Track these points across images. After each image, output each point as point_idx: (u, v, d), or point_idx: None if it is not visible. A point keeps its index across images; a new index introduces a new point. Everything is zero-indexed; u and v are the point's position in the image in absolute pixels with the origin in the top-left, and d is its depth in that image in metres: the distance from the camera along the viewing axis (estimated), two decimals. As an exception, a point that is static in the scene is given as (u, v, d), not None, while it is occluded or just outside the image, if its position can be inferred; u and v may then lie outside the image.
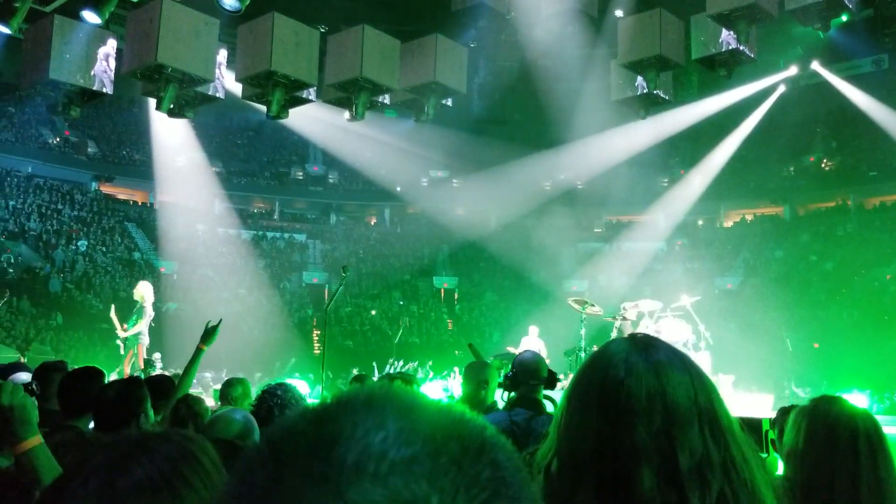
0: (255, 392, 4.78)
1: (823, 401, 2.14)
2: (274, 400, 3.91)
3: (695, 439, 1.12)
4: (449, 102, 12.13)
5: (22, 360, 12.84)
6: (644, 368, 1.16)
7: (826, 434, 2.01)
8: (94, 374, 3.74)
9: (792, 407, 2.93)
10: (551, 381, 4.11)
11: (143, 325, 12.10)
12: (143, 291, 12.33)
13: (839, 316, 23.76)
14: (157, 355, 17.12)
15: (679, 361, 1.19)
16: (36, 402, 2.23)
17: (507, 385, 3.99)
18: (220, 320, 5.04)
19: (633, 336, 1.26)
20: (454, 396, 11.02)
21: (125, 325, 12.09)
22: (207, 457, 1.29)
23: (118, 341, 12.32)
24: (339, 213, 36.81)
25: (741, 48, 10.34)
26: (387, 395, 0.60)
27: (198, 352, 4.85)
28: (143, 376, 5.28)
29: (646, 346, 1.21)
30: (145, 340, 12.30)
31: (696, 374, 1.19)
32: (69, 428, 3.32)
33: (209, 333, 4.91)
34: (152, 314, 12.45)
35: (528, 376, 4.00)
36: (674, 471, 1.10)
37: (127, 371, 11.46)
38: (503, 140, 30.71)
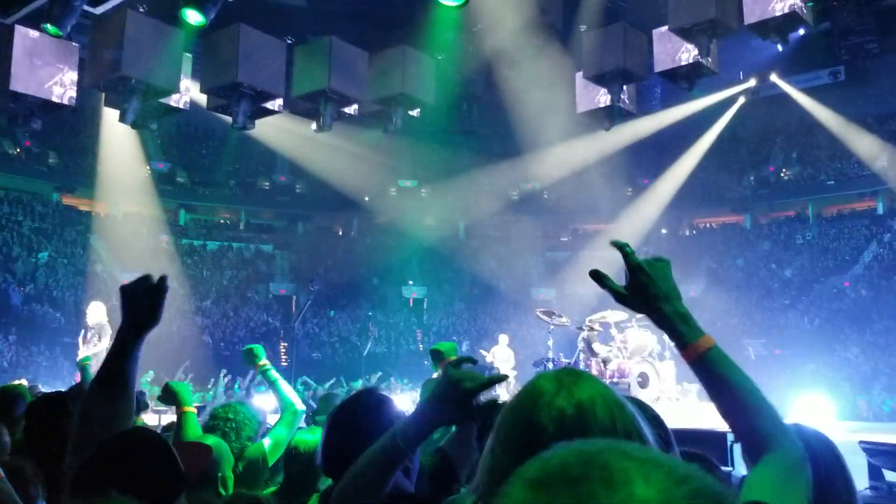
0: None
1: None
2: (228, 425, 3.86)
3: None
4: (416, 113, 12.17)
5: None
6: (569, 413, 1.12)
7: None
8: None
9: None
10: None
11: (106, 344, 11.42)
12: (92, 312, 11.63)
13: (799, 323, 24.19)
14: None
15: (602, 401, 1.15)
16: None
17: None
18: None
19: (560, 372, 1.21)
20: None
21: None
22: None
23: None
24: (306, 223, 36.64)
25: (702, 61, 10.52)
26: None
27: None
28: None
29: (570, 386, 1.16)
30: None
31: (620, 416, 1.14)
32: None
33: None
34: (111, 332, 11.72)
35: None
36: None
37: None
38: (470, 150, 30.85)
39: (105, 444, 1.83)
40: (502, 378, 1.91)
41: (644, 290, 1.64)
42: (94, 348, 11.09)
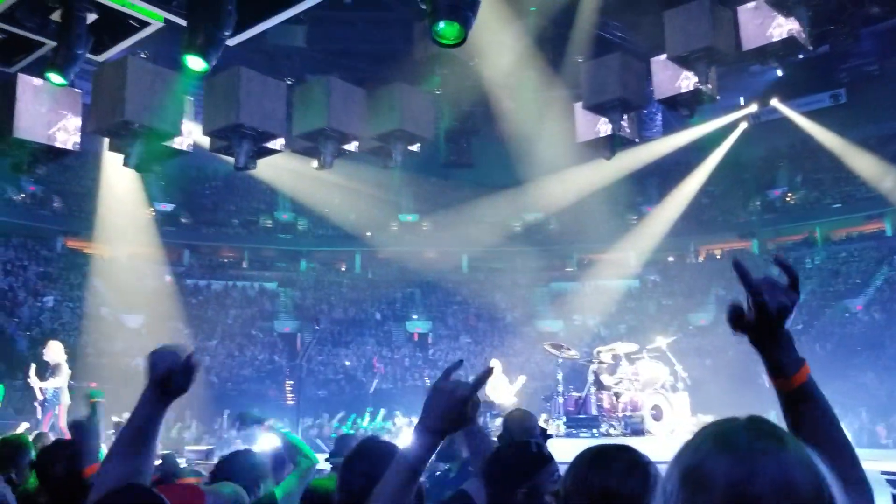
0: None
1: None
2: (233, 473, 3.78)
3: None
4: (416, 148, 12.18)
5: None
6: (773, 465, 1.07)
7: None
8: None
9: None
10: (544, 438, 4.03)
11: (60, 382, 11.58)
12: (54, 351, 11.93)
13: (812, 348, 23.98)
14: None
15: (806, 457, 1.11)
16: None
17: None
18: None
19: (752, 421, 1.16)
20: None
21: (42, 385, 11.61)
22: None
23: (35, 403, 11.72)
24: (309, 260, 36.65)
25: (702, 88, 10.51)
26: None
27: None
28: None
29: (770, 436, 1.11)
30: (65, 400, 11.72)
31: (821, 471, 1.10)
32: None
33: None
34: (69, 372, 12.02)
35: (521, 435, 3.90)
36: None
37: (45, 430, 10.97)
38: (471, 182, 30.92)
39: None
40: (489, 372, 1.96)
41: (761, 312, 1.59)
42: (49, 383, 11.33)
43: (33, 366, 12.04)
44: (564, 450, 3.27)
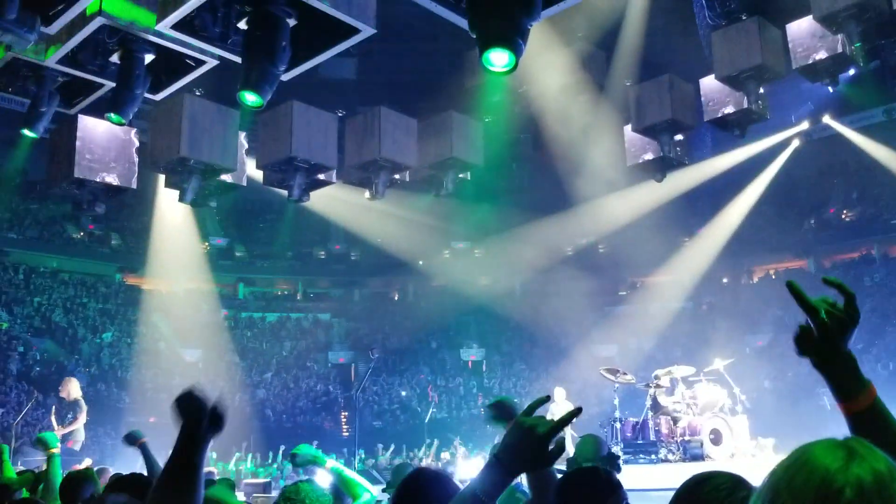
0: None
1: None
2: None
3: None
4: (467, 176, 12.27)
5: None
6: (868, 481, 1.08)
7: None
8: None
9: None
10: (612, 461, 3.98)
11: (80, 422, 11.53)
12: (71, 388, 11.91)
13: (874, 368, 23.29)
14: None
15: None
16: None
17: (567, 466, 3.87)
18: None
19: (847, 440, 1.16)
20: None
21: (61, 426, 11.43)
22: None
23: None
24: (362, 289, 36.89)
25: (752, 107, 10.42)
26: None
27: None
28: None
29: (865, 454, 1.12)
30: (80, 437, 11.66)
31: None
32: None
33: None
34: (86, 408, 11.98)
35: (587, 457, 3.88)
36: None
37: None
38: (522, 208, 30.85)
39: None
40: (576, 413, 1.91)
41: (823, 336, 1.61)
42: (70, 427, 11.24)
43: (53, 407, 12.07)
44: (624, 476, 3.24)
